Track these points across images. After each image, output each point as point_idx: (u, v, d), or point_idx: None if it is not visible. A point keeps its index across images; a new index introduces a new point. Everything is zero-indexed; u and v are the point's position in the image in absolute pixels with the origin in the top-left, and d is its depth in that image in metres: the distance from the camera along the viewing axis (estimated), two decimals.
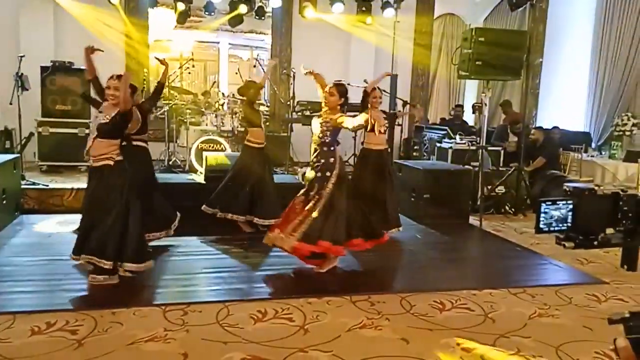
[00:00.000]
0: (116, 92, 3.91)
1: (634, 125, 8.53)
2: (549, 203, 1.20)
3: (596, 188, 1.20)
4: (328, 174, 4.36)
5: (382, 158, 5.63)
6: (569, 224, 1.19)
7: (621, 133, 8.66)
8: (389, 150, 5.58)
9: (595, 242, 1.20)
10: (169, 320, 3.47)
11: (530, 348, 3.27)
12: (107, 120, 3.95)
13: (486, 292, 4.22)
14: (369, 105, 5.37)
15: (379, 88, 5.59)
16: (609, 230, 1.23)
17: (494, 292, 4.25)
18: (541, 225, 1.20)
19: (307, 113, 7.96)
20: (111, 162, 3.98)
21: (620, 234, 1.24)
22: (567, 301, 4.13)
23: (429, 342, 3.33)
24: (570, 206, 1.20)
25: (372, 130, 5.03)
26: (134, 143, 4.83)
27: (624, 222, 1.23)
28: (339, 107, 4.43)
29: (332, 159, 4.39)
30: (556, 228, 1.22)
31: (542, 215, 1.19)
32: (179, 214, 5.10)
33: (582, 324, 3.68)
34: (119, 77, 4.00)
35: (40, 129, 7.54)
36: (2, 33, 7.85)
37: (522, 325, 3.63)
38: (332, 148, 4.42)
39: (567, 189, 1.21)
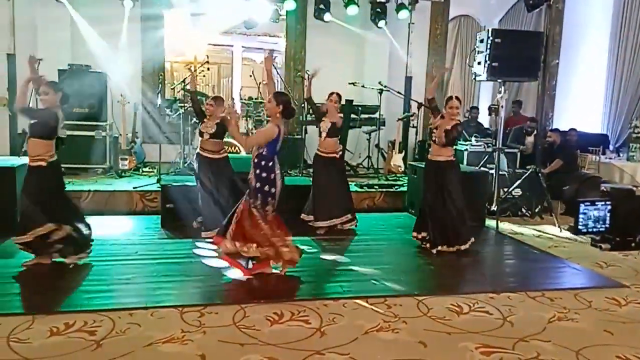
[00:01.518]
0: (45, 95, 4.40)
1: None
2: (588, 203, 1.18)
3: (635, 189, 1.18)
4: (267, 189, 4.25)
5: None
6: (607, 226, 1.17)
7: (639, 135, 8.54)
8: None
9: (633, 244, 1.18)
10: (186, 322, 3.48)
11: (550, 352, 3.22)
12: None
13: (504, 296, 4.18)
14: (444, 116, 5.21)
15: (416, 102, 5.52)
16: None
17: (512, 295, 4.20)
18: (579, 227, 1.17)
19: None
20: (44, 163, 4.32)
21: None
22: (587, 305, 4.07)
23: (447, 345, 3.30)
24: (609, 207, 1.18)
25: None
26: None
27: None
28: (279, 115, 4.30)
29: (272, 175, 4.26)
30: (594, 229, 1.19)
31: (581, 216, 1.16)
32: None
33: (602, 328, 3.62)
34: (47, 83, 4.49)
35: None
36: (19, 36, 7.94)
37: (541, 329, 3.58)
38: (270, 163, 4.27)
39: (605, 189, 1.19)
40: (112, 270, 4.49)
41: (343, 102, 6.60)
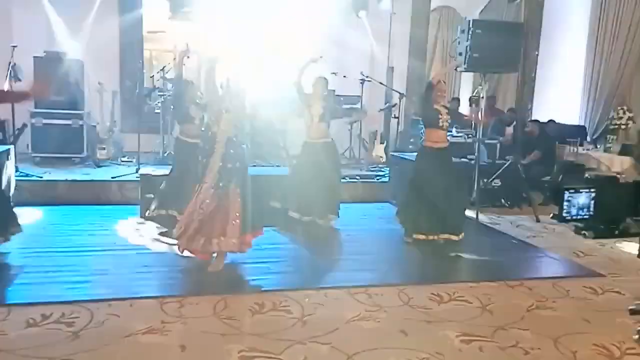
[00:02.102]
0: None
1: (629, 119, 8.53)
2: (572, 191, 1.17)
3: (618, 176, 1.18)
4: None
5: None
6: (591, 213, 1.17)
7: (617, 127, 8.66)
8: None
9: (617, 232, 1.18)
10: (166, 313, 3.44)
11: (529, 340, 3.27)
12: None
13: (484, 285, 4.22)
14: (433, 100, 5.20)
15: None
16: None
17: (491, 284, 4.25)
18: (564, 214, 1.17)
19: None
20: None
21: None
22: (565, 294, 4.13)
23: (428, 334, 3.33)
24: (593, 194, 1.18)
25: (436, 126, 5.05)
26: None
27: None
28: None
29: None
30: (578, 216, 1.19)
31: (565, 203, 1.16)
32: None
33: (580, 317, 3.69)
34: None
35: (33, 120, 7.45)
36: None
37: (520, 317, 3.63)
38: None
39: (589, 177, 1.19)
40: (89, 261, 4.42)
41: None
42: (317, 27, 8.94)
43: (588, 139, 9.52)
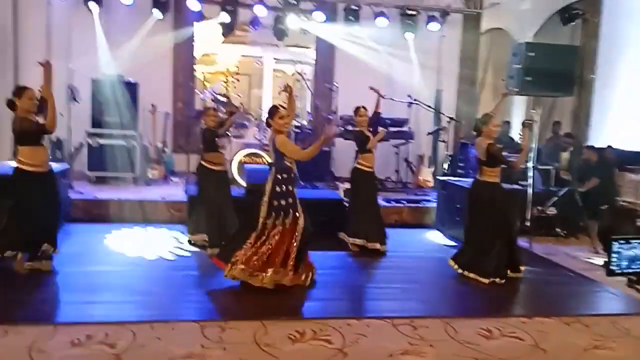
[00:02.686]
0: None
1: None
2: (622, 242, 1.05)
3: None
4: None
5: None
6: None
7: None
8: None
9: None
10: (207, 337, 3.41)
11: None
12: None
13: (537, 320, 3.99)
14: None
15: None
16: None
17: (545, 320, 4.01)
18: (612, 267, 1.05)
19: (349, 127, 7.86)
20: None
21: None
22: (625, 332, 3.86)
23: None
24: None
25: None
26: None
27: None
28: None
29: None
30: (629, 269, 1.06)
31: (614, 255, 1.04)
32: None
33: None
34: None
35: (89, 140, 7.72)
36: (55, 46, 8.07)
37: (576, 357, 3.40)
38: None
39: None
40: (134, 281, 4.48)
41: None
42: (365, 49, 8.93)
43: None
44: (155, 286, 4.40)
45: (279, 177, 4.25)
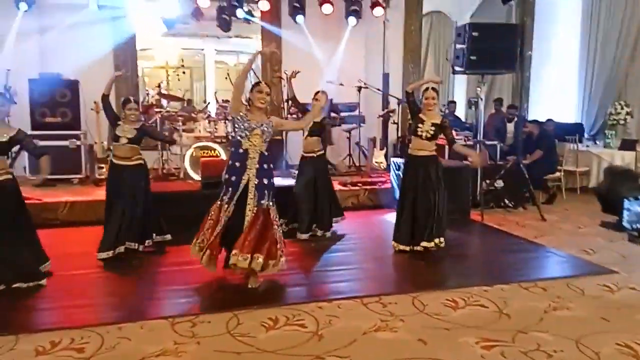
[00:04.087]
0: None
1: (627, 113, 8.54)
2: (632, 199, 1.12)
3: None
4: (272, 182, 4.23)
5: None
6: None
7: (615, 122, 8.67)
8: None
9: None
10: (179, 333, 3.36)
11: (550, 343, 3.21)
12: None
13: (497, 288, 4.17)
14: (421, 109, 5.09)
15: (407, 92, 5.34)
16: None
17: (505, 287, 4.19)
18: (624, 223, 1.12)
19: (301, 115, 7.86)
20: None
21: None
22: (580, 293, 4.08)
23: (448, 342, 3.25)
24: None
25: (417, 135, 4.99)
26: None
27: None
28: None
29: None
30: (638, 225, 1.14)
31: (626, 212, 1.11)
32: None
33: (598, 316, 3.63)
34: None
35: None
36: None
37: (538, 319, 3.57)
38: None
39: None
40: (95, 283, 4.34)
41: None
42: (311, 37, 8.93)
43: (586, 135, 9.53)
44: (119, 286, 4.28)
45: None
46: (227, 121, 7.83)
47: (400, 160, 7.19)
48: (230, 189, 4.08)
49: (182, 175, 7.37)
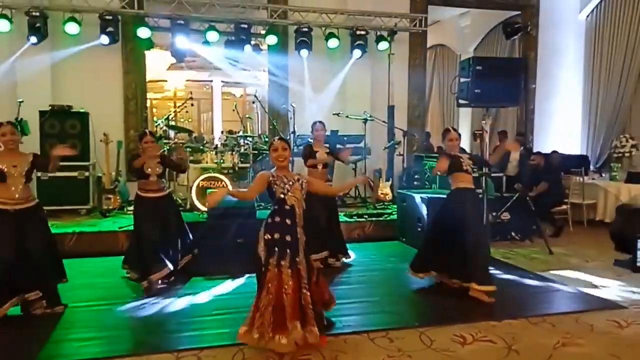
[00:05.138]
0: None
1: (632, 146, 8.57)
2: None
3: None
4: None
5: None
6: None
7: (621, 155, 8.70)
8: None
9: None
10: None
11: None
12: None
13: (506, 323, 4.12)
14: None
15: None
16: None
17: (513, 322, 4.15)
18: (638, 263, 1.13)
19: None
20: None
21: None
22: (589, 328, 4.04)
23: None
24: None
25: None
26: None
27: None
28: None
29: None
30: None
31: (639, 252, 1.12)
32: None
33: (608, 352, 3.58)
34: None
35: (39, 173, 7.42)
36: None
37: (547, 356, 3.53)
38: None
39: None
40: (101, 315, 4.33)
41: (328, 132, 6.64)
42: (316, 70, 9.07)
43: (591, 168, 9.55)
44: (126, 319, 4.26)
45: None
46: (232, 152, 7.91)
47: (406, 192, 7.22)
48: (288, 250, 3.56)
49: (188, 206, 7.41)
